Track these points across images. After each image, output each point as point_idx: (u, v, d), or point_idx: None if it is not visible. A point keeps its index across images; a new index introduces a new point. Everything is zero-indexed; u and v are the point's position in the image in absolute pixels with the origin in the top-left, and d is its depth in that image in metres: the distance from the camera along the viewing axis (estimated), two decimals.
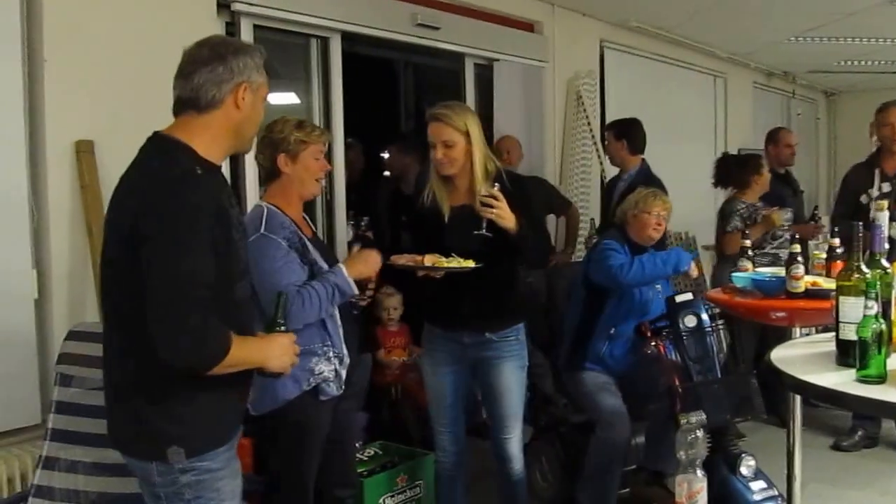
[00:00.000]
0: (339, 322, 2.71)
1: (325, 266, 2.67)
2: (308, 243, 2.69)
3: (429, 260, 2.78)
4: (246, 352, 1.91)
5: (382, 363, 4.40)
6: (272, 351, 1.99)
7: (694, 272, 3.54)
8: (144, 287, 1.77)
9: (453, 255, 2.81)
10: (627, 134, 4.98)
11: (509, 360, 3.02)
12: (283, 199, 2.71)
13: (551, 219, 5.41)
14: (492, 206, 2.76)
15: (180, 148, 1.90)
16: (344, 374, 2.73)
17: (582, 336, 3.70)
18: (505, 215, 2.77)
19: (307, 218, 2.92)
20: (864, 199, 4.56)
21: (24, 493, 2.63)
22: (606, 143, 5.10)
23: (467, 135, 2.87)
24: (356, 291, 2.65)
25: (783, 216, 4.74)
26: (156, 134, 1.96)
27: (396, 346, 4.51)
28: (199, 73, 1.92)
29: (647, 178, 4.96)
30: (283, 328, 2.06)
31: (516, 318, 3.07)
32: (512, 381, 3.04)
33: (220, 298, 1.85)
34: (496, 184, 2.81)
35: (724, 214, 4.89)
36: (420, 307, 3.25)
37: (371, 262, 2.70)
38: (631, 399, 3.59)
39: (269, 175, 2.74)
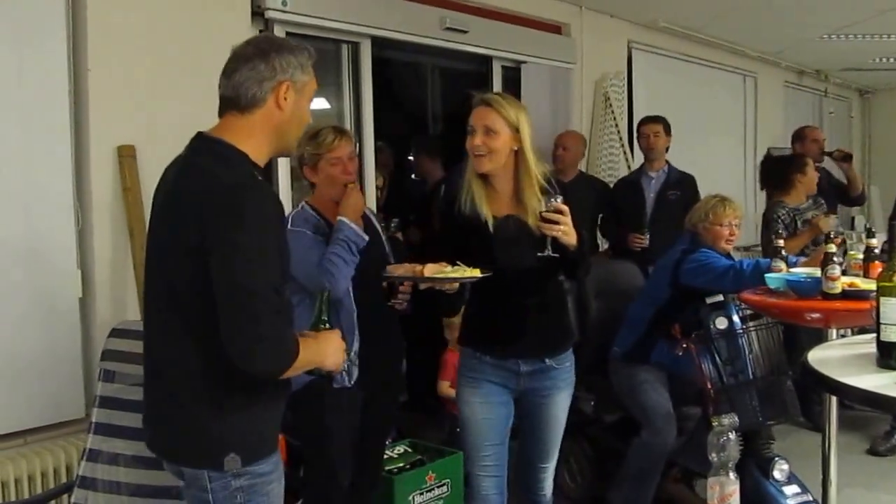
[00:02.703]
0: (353, 316, 2.78)
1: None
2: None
3: (430, 270, 2.45)
4: (309, 353, 1.89)
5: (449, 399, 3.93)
6: (328, 349, 1.98)
7: None
8: (212, 295, 1.76)
9: (459, 263, 2.48)
10: (671, 132, 4.99)
11: (564, 388, 2.71)
12: (321, 202, 2.87)
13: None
14: (557, 223, 2.41)
15: (236, 153, 1.87)
16: (355, 371, 2.79)
17: (654, 331, 3.59)
18: (570, 231, 2.43)
19: (371, 217, 3.03)
20: None
21: (70, 483, 2.72)
22: (653, 135, 5.01)
23: (517, 131, 2.50)
24: (365, 236, 2.75)
25: (831, 223, 4.53)
26: (203, 136, 1.92)
27: None
28: (240, 71, 1.88)
29: (683, 176, 5.00)
30: (327, 325, 2.05)
31: (571, 339, 2.78)
32: (561, 410, 2.73)
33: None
34: (559, 196, 2.44)
35: (766, 221, 4.78)
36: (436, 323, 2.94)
37: (353, 197, 2.78)
38: (674, 398, 3.57)
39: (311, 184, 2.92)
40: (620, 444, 3.66)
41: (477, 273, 2.42)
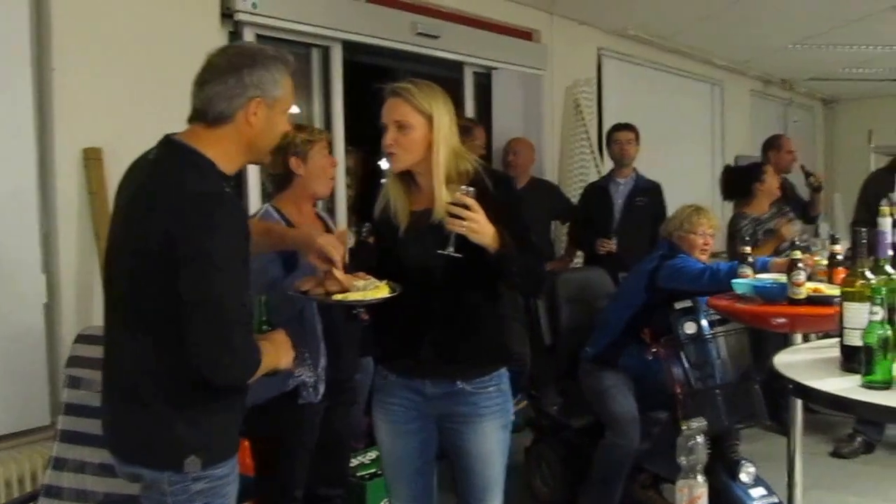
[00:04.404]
0: (318, 330, 2.70)
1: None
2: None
3: (333, 284, 2.23)
4: (266, 358, 1.90)
5: None
6: (280, 350, 2.00)
7: None
8: (179, 302, 1.75)
9: (369, 276, 2.26)
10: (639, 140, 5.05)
11: (489, 417, 2.34)
12: (293, 204, 2.75)
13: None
14: (462, 218, 2.09)
15: (205, 161, 1.85)
16: (322, 386, 2.71)
17: (626, 335, 3.63)
18: (480, 229, 2.10)
19: (326, 217, 2.97)
20: (884, 202, 4.56)
21: (35, 492, 2.67)
22: (626, 142, 5.08)
23: (431, 120, 2.24)
24: None
25: (793, 228, 4.59)
26: (172, 141, 1.90)
27: None
28: (211, 85, 1.86)
29: (650, 183, 5.07)
30: (269, 327, 2.08)
31: (497, 361, 2.39)
32: (492, 444, 2.36)
33: None
34: (470, 187, 2.13)
35: (731, 234, 4.83)
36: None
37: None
38: (641, 402, 3.61)
39: (282, 182, 2.76)
40: (592, 448, 3.68)
41: (384, 292, 2.22)
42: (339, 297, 2.20)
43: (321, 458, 2.84)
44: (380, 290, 2.22)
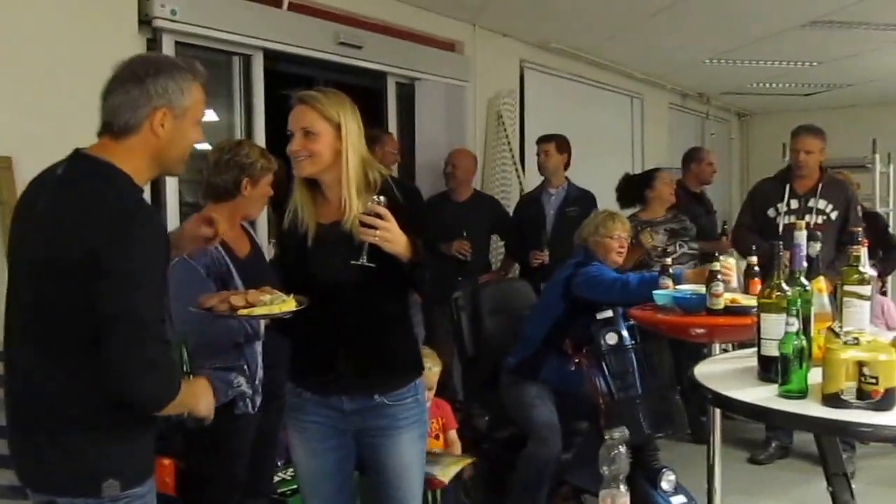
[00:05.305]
0: (259, 345, 2.72)
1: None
2: (233, 270, 2.64)
3: (238, 299, 2.18)
4: (184, 395, 1.85)
5: None
6: (199, 392, 1.98)
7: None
8: (97, 319, 1.70)
9: (275, 290, 2.22)
10: (568, 149, 5.11)
11: (407, 429, 2.33)
12: (228, 217, 2.71)
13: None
14: (375, 227, 2.10)
15: (120, 174, 1.81)
16: (258, 398, 2.73)
17: (547, 347, 3.65)
18: (392, 238, 2.10)
19: (249, 229, 2.94)
20: (771, 212, 4.70)
21: None
22: (543, 154, 5.14)
23: (339, 128, 2.23)
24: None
25: (655, 238, 4.74)
26: (83, 154, 1.85)
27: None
28: (114, 95, 1.83)
29: (583, 192, 5.12)
30: (190, 373, 2.05)
31: (412, 371, 2.40)
32: (411, 455, 2.36)
33: None
34: (381, 197, 2.14)
35: None
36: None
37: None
38: (563, 414, 3.63)
39: (222, 194, 2.75)
40: (515, 460, 3.68)
41: (291, 305, 2.18)
42: (244, 312, 2.16)
43: (248, 467, 2.81)
44: (286, 304, 2.18)
